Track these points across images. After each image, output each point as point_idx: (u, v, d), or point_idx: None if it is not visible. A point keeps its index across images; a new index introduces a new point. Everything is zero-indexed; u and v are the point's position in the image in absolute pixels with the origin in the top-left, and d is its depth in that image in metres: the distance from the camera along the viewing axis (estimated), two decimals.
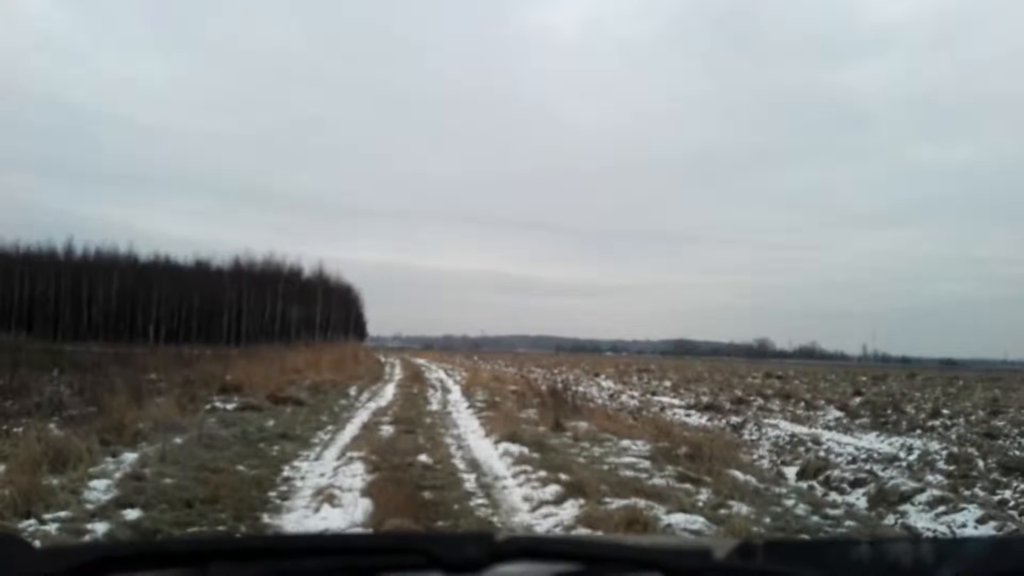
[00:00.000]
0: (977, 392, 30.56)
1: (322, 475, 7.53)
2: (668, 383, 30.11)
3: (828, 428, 14.68)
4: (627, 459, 8.80)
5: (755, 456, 10.65)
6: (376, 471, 7.54)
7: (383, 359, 45.63)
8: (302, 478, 7.42)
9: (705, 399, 20.96)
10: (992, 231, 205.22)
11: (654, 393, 23.98)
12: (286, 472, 7.68)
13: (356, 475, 7.37)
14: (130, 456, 7.84)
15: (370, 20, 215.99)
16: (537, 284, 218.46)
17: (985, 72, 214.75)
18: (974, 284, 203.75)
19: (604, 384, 28.82)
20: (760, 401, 20.98)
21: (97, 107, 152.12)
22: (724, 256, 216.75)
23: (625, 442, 10.11)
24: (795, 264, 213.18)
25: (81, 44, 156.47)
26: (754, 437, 13.32)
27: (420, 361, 48.45)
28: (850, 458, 10.90)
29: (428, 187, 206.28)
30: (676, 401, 20.71)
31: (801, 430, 14.15)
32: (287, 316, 77.18)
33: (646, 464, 8.45)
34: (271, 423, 11.12)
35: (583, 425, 11.91)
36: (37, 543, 1.59)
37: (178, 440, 8.83)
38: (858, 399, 23.15)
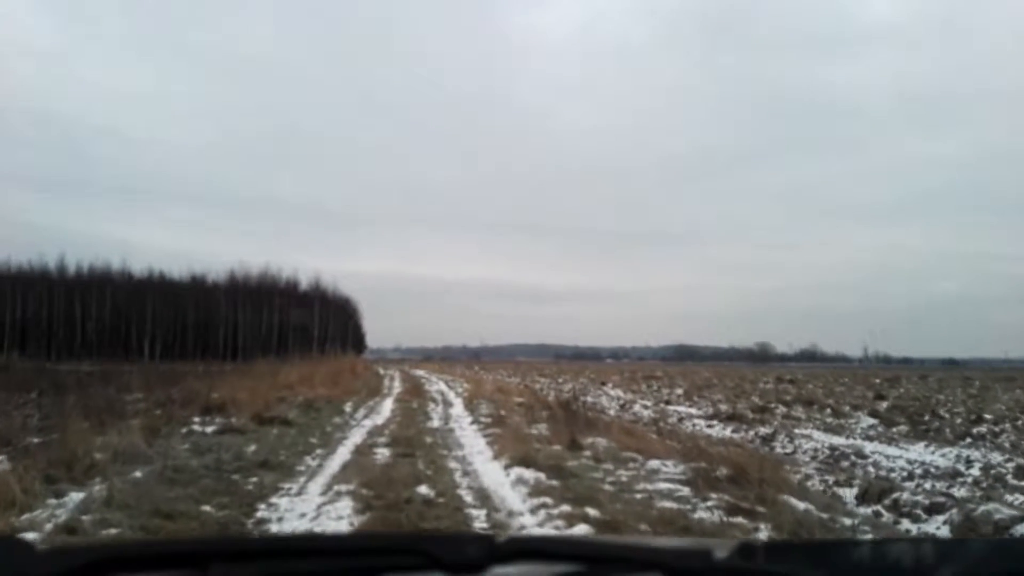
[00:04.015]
0: (998, 393, 29.40)
1: (303, 515, 6.30)
2: (679, 391, 28.87)
3: (868, 438, 13.42)
4: (661, 485, 7.56)
5: (800, 474, 9.41)
6: (367, 510, 6.32)
7: (382, 372, 44.38)
8: (279, 520, 6.19)
9: (723, 408, 19.70)
10: (990, 229, 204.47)
11: (667, 402, 22.72)
12: (261, 512, 6.44)
13: (343, 516, 6.14)
14: (77, 496, 6.61)
15: (365, 28, 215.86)
16: (536, 292, 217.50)
17: (982, 67, 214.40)
18: (973, 282, 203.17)
19: (612, 393, 27.57)
20: (782, 408, 19.73)
21: (86, 119, 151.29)
22: (722, 258, 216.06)
23: (653, 463, 8.88)
24: (793, 265, 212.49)
25: (68, 55, 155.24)
26: (788, 450, 12.10)
27: (420, 373, 47.22)
28: (905, 474, 9.68)
29: (425, 195, 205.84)
30: (693, 411, 19.45)
31: (839, 441, 12.91)
32: (284, 330, 76.06)
33: (685, 491, 7.22)
34: (252, 448, 9.88)
35: (601, 442, 10.69)
36: (38, 543, 1.34)
37: (138, 474, 7.60)
38: (884, 404, 21.93)
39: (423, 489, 7.26)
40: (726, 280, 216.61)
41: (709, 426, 15.49)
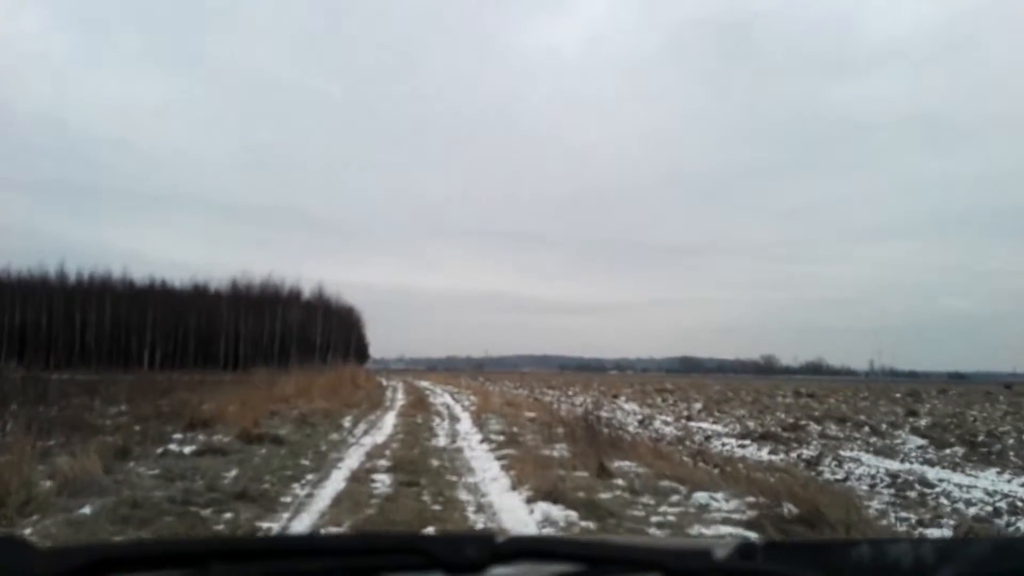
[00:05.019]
0: None
1: None
2: (697, 405, 27.44)
3: (927, 462, 12.02)
4: (721, 528, 6.23)
5: (870, 509, 8.04)
6: None
7: (385, 382, 43.10)
8: None
9: (751, 425, 18.31)
10: (995, 244, 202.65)
11: (688, 418, 21.32)
12: None
13: None
14: None
15: (372, 42, 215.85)
16: (540, 303, 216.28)
17: (986, 87, 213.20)
18: (978, 297, 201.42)
19: (627, 407, 26.17)
20: (814, 426, 18.31)
21: (95, 129, 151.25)
22: (727, 271, 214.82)
23: (700, 495, 7.54)
24: (798, 279, 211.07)
25: (80, 66, 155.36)
26: (838, 476, 10.73)
27: (424, 384, 45.90)
28: (990, 509, 8.31)
29: (430, 206, 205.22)
30: (719, 428, 18.04)
31: (893, 465, 11.52)
32: (286, 339, 74.84)
33: (753, 538, 5.88)
34: (232, 473, 8.58)
35: (632, 467, 9.37)
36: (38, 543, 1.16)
37: (86, 509, 6.31)
38: (921, 421, 20.52)
39: (430, 533, 5.93)
40: (730, 293, 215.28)
41: (742, 446, 14.12)
